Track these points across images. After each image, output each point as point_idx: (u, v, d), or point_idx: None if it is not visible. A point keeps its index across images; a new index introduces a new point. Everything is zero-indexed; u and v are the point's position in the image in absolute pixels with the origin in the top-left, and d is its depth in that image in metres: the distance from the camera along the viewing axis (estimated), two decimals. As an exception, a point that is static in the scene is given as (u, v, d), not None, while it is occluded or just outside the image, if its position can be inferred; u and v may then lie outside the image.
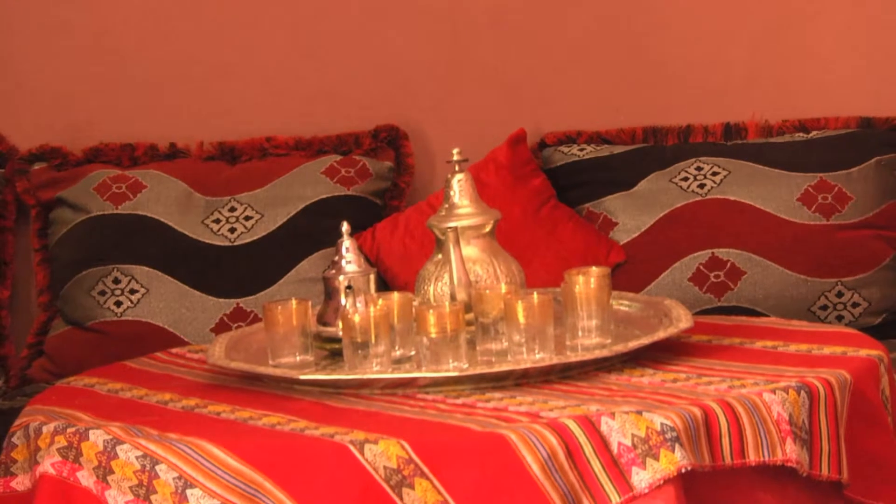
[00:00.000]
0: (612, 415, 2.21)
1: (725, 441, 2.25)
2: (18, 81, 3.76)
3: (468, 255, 2.63)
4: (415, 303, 2.56)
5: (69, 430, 2.36)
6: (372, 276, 2.66)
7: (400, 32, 3.77)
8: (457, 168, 2.69)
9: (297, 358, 2.57)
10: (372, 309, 2.49)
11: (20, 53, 3.76)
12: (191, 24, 3.77)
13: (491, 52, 3.78)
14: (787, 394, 2.30)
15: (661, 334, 2.56)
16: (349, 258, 2.64)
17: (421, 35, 3.77)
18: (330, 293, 2.64)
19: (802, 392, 2.31)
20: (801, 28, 3.77)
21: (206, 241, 3.58)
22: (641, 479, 2.18)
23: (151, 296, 3.53)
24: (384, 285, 3.36)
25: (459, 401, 2.36)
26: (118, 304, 3.53)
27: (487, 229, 2.67)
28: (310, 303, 2.64)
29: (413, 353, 2.50)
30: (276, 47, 3.77)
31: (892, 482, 2.44)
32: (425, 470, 2.17)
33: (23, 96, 3.76)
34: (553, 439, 2.18)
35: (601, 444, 2.20)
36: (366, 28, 3.77)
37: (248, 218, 3.60)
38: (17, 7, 3.74)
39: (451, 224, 2.65)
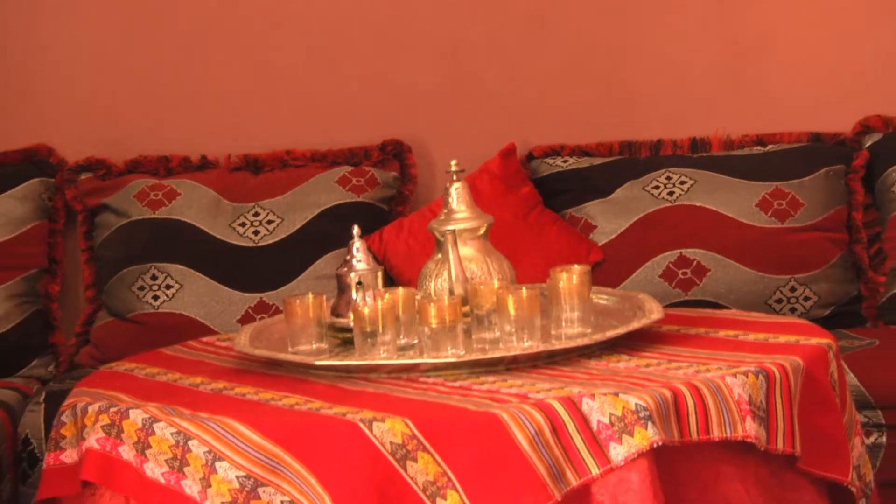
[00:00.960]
0: (592, 396, 2.21)
1: (692, 419, 2.24)
2: (67, 101, 3.76)
3: (464, 255, 2.63)
4: (417, 297, 2.55)
5: (112, 409, 2.36)
6: (379, 274, 2.65)
7: (405, 58, 3.77)
8: (454, 178, 2.68)
9: (314, 346, 2.57)
10: (379, 302, 2.48)
11: (68, 75, 3.75)
12: (219, 50, 3.77)
13: (485, 75, 3.78)
14: (747, 377, 2.29)
15: (635, 325, 2.56)
16: (359, 257, 2.64)
17: (423, 60, 3.77)
18: (342, 288, 2.64)
19: (760, 376, 2.31)
20: (758, 54, 3.77)
21: (233, 242, 3.58)
22: (618, 452, 2.18)
23: (185, 291, 3.53)
24: (390, 281, 3.35)
25: (457, 384, 2.36)
26: (155, 297, 3.53)
27: (482, 232, 2.67)
28: (325, 297, 2.64)
29: (416, 341, 2.49)
30: (295, 70, 3.77)
31: (840, 455, 2.43)
32: (427, 445, 2.17)
33: (71, 114, 3.75)
34: (540, 417, 2.18)
35: (582, 422, 2.19)
36: (375, 53, 3.77)
37: (270, 222, 3.59)
38: (67, 35, 3.73)
39: (450, 227, 2.64)
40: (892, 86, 3.76)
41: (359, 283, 2.60)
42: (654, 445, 2.17)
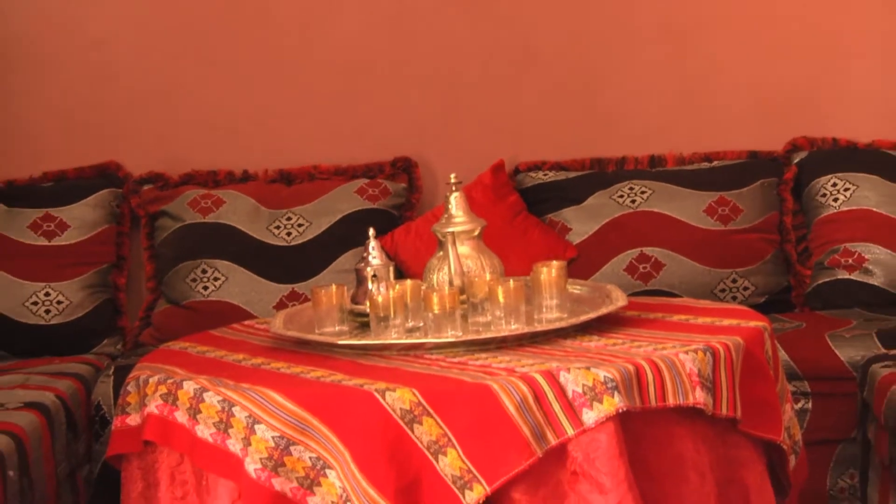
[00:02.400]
0: (568, 370, 2.20)
1: (651, 389, 2.24)
2: (132, 125, 3.75)
3: (462, 252, 2.62)
4: (423, 287, 2.54)
5: (168, 381, 2.36)
6: (391, 268, 2.64)
7: (413, 89, 3.76)
8: (453, 188, 2.67)
9: (336, 328, 2.56)
10: (391, 292, 2.48)
11: (133, 103, 3.75)
12: (259, 83, 3.76)
13: (478, 103, 3.77)
14: (697, 354, 2.29)
15: (603, 310, 2.55)
16: (374, 254, 2.63)
17: (428, 91, 3.76)
18: (360, 280, 2.63)
19: (708, 353, 2.30)
20: (705, 84, 3.77)
21: (269, 242, 3.56)
22: (589, 417, 2.17)
23: (229, 282, 3.52)
24: (400, 274, 3.34)
25: (456, 360, 2.35)
26: (205, 288, 3.52)
27: (476, 233, 2.66)
28: (345, 287, 2.63)
29: (421, 324, 2.48)
30: (322, 99, 3.76)
31: (774, 419, 2.43)
32: (430, 410, 2.16)
33: (135, 136, 3.75)
34: (524, 388, 2.18)
35: (560, 391, 2.19)
36: (388, 85, 3.76)
37: (300, 225, 3.58)
38: (132, 69, 3.73)
39: (450, 229, 2.63)
40: (815, 112, 3.76)
41: (374, 275, 2.59)
42: (619, 411, 2.17)
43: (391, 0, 3.73)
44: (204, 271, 3.54)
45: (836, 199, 3.59)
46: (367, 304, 2.52)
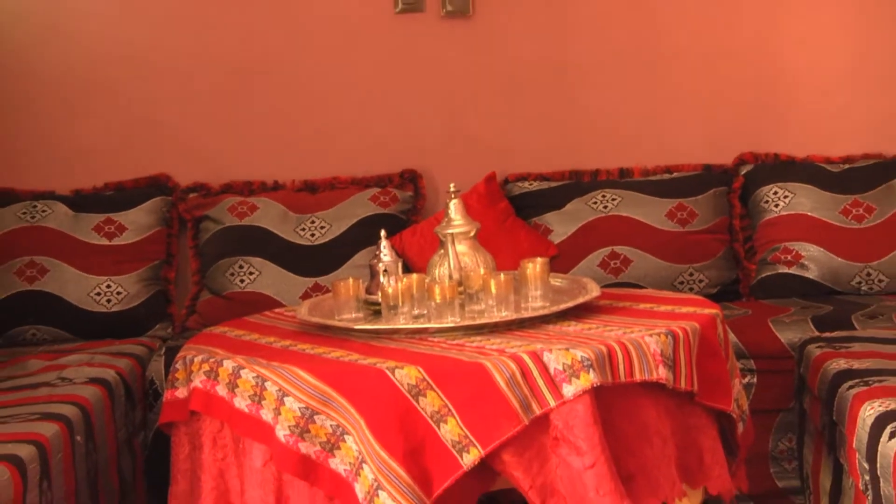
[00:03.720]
0: (550, 350, 2.20)
1: (621, 367, 2.23)
2: (180, 142, 3.74)
3: (460, 251, 2.61)
4: (426, 280, 2.53)
5: (211, 360, 2.35)
6: (400, 264, 2.62)
7: (417, 112, 3.76)
8: (452, 196, 2.66)
9: (353, 315, 2.55)
10: (399, 284, 2.47)
11: (180, 124, 3.74)
12: (287, 107, 3.75)
13: (473, 124, 3.76)
14: (660, 337, 2.28)
15: (580, 300, 2.54)
16: (385, 252, 2.61)
17: (431, 115, 3.76)
18: (373, 274, 2.62)
19: (669, 336, 2.30)
20: (666, 107, 3.77)
21: (296, 241, 3.55)
22: (569, 390, 2.17)
23: (262, 276, 3.51)
24: (407, 269, 3.33)
25: (454, 342, 2.34)
26: (241, 281, 3.51)
27: (472, 234, 2.65)
28: (360, 280, 2.62)
29: (425, 311, 2.47)
30: (342, 122, 3.75)
31: (724, 391, 2.42)
32: (433, 385, 2.16)
33: (182, 152, 3.74)
34: (513, 365, 2.17)
35: (543, 369, 2.18)
36: (396, 109, 3.76)
37: (322, 227, 3.57)
38: (179, 95, 3.73)
39: (449, 231, 2.63)
40: (760, 131, 3.76)
41: (385, 270, 2.58)
42: (594, 385, 2.17)
43: (400, 42, 3.72)
44: (241, 267, 3.53)
45: (776, 205, 3.58)
46: (379, 294, 2.51)
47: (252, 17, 3.71)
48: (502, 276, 2.47)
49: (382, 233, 2.65)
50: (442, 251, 2.63)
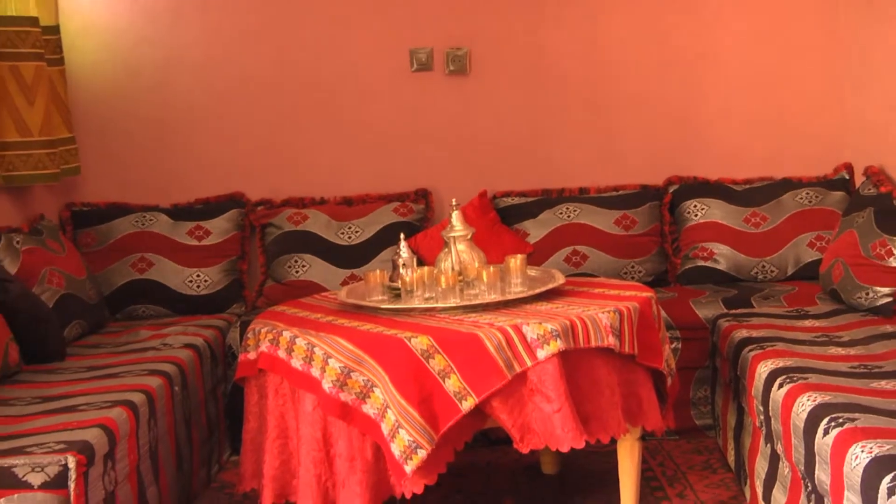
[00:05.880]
0: (528, 324, 2.19)
1: (580, 336, 2.23)
2: (251, 167, 3.72)
3: (460, 249, 2.61)
4: (434, 271, 2.53)
5: (273, 330, 2.35)
6: (415, 259, 2.62)
7: (427, 146, 3.73)
8: (454, 208, 2.66)
9: (379, 297, 2.54)
10: (414, 274, 2.47)
11: (251, 153, 3.72)
12: (331, 141, 3.72)
13: (469, 154, 3.73)
14: (610, 313, 2.28)
15: (550, 286, 2.53)
16: (404, 250, 2.61)
17: (437, 147, 3.73)
18: (395, 267, 2.61)
19: (616, 312, 2.29)
20: (615, 142, 3.73)
21: (337, 242, 3.52)
22: (542, 354, 2.17)
23: (312, 268, 3.48)
24: (420, 263, 3.31)
25: (456, 318, 2.33)
26: (296, 272, 3.49)
27: (469, 237, 2.64)
28: (385, 271, 2.62)
29: (434, 295, 2.47)
30: (371, 153, 3.72)
31: (658, 354, 2.42)
32: (440, 350, 2.16)
33: (253, 175, 3.72)
34: (500, 335, 2.17)
35: (523, 338, 2.18)
36: (412, 142, 3.73)
37: (356, 232, 3.55)
38: (248, 128, 3.71)
39: (452, 234, 2.62)
40: (684, 160, 3.72)
41: (403, 264, 2.57)
42: (560, 350, 2.17)
43: (415, 93, 3.68)
44: (296, 261, 3.51)
45: (696, 215, 3.56)
46: (399, 282, 2.50)
47: (305, 76, 3.69)
48: (491, 268, 2.47)
49: (401, 236, 2.65)
50: (446, 249, 2.62)
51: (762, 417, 2.37)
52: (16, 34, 3.11)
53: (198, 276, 3.48)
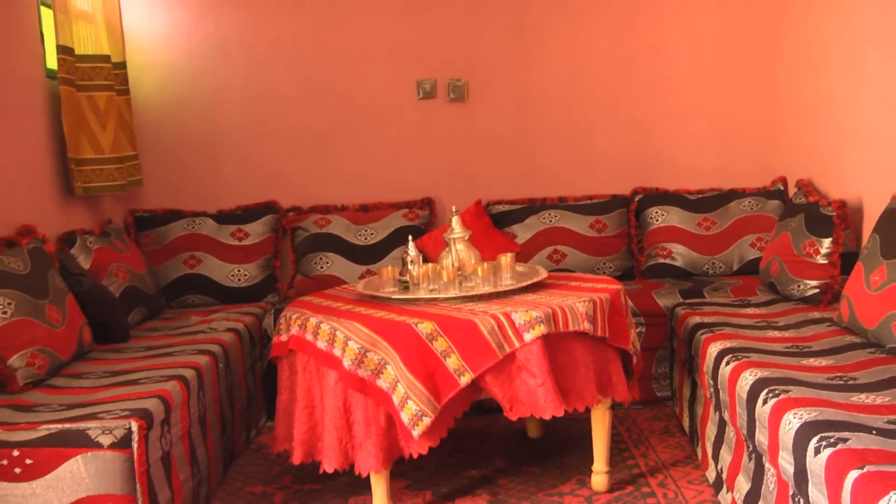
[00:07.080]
0: (516, 311, 2.20)
1: (561, 321, 2.23)
2: (284, 179, 3.72)
3: (459, 248, 2.61)
4: (438, 268, 2.53)
5: (302, 317, 2.36)
6: (421, 257, 2.62)
7: (432, 160, 3.73)
8: (454, 214, 2.66)
9: (391, 289, 2.55)
10: (421, 269, 2.47)
11: (284, 169, 3.71)
12: (350, 157, 3.72)
13: (467, 168, 3.73)
14: (585, 303, 2.28)
15: (536, 279, 2.54)
16: (412, 249, 2.61)
17: (439, 162, 3.73)
18: (404, 263, 2.62)
19: (591, 302, 2.30)
20: (590, 157, 3.74)
21: (356, 243, 3.52)
22: (528, 336, 2.18)
23: (335, 265, 3.48)
24: (425, 260, 3.33)
25: (455, 306, 2.34)
26: (321, 267, 3.49)
27: (466, 238, 2.65)
28: (396, 267, 2.63)
29: (437, 287, 2.48)
30: (384, 167, 3.72)
31: (626, 336, 2.42)
32: (442, 334, 2.16)
33: (285, 184, 3.71)
34: (492, 321, 2.17)
35: (512, 323, 2.18)
36: (419, 158, 3.73)
37: (372, 234, 3.54)
38: (282, 147, 3.71)
39: (452, 236, 2.63)
40: (647, 173, 3.73)
41: (411, 261, 2.58)
42: (544, 334, 2.17)
43: (421, 117, 3.69)
44: (321, 258, 3.51)
45: (657, 220, 3.57)
46: (408, 276, 2.51)
47: (329, 103, 3.69)
48: (485, 264, 2.48)
49: (410, 237, 2.65)
50: (447, 249, 2.63)
51: (712, 390, 2.38)
52: (91, 69, 3.18)
53: (238, 271, 3.48)
